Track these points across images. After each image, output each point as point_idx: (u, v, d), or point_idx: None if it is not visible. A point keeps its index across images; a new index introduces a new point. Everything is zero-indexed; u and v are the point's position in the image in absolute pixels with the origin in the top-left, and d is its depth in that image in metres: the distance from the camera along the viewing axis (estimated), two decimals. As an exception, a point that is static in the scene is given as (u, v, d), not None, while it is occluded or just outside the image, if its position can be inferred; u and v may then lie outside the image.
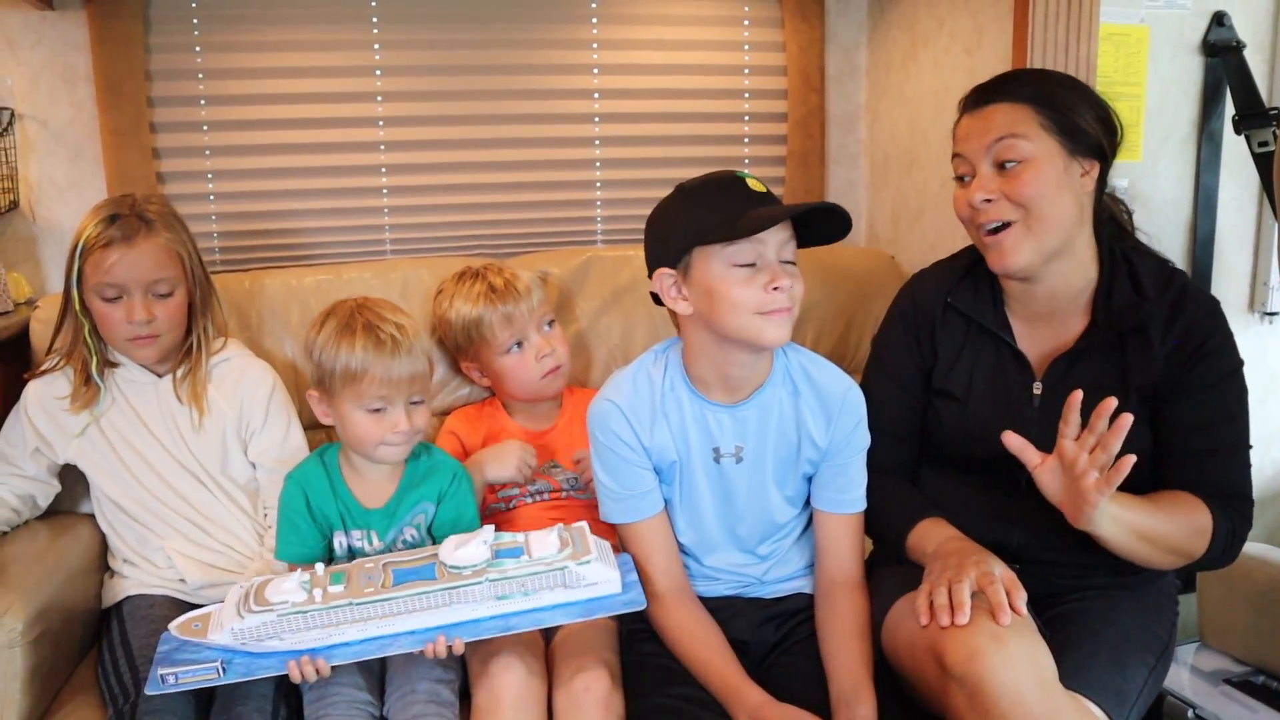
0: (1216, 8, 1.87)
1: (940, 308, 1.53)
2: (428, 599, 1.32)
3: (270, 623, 1.30)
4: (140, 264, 1.55)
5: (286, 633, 1.31)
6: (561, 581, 1.35)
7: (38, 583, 1.49)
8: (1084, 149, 1.38)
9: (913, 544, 1.45)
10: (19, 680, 1.40)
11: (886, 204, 2.34)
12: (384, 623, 1.32)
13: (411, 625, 1.33)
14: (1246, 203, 1.96)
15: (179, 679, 1.29)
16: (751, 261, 1.35)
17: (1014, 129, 1.37)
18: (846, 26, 2.35)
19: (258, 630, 1.30)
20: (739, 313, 1.36)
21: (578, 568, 1.34)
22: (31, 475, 1.65)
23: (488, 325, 1.77)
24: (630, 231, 2.29)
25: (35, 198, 2.01)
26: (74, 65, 1.98)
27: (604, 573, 1.36)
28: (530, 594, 1.34)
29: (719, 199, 1.37)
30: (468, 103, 2.18)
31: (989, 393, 1.49)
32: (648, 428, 1.47)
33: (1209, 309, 1.42)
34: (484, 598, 1.33)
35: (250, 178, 2.12)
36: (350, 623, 1.32)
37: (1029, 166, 1.37)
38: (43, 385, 1.64)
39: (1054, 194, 1.37)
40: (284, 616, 1.31)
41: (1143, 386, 1.41)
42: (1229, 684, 1.77)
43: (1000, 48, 1.85)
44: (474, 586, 1.33)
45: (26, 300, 1.94)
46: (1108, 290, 1.43)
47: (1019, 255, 1.39)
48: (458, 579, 1.33)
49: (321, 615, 1.31)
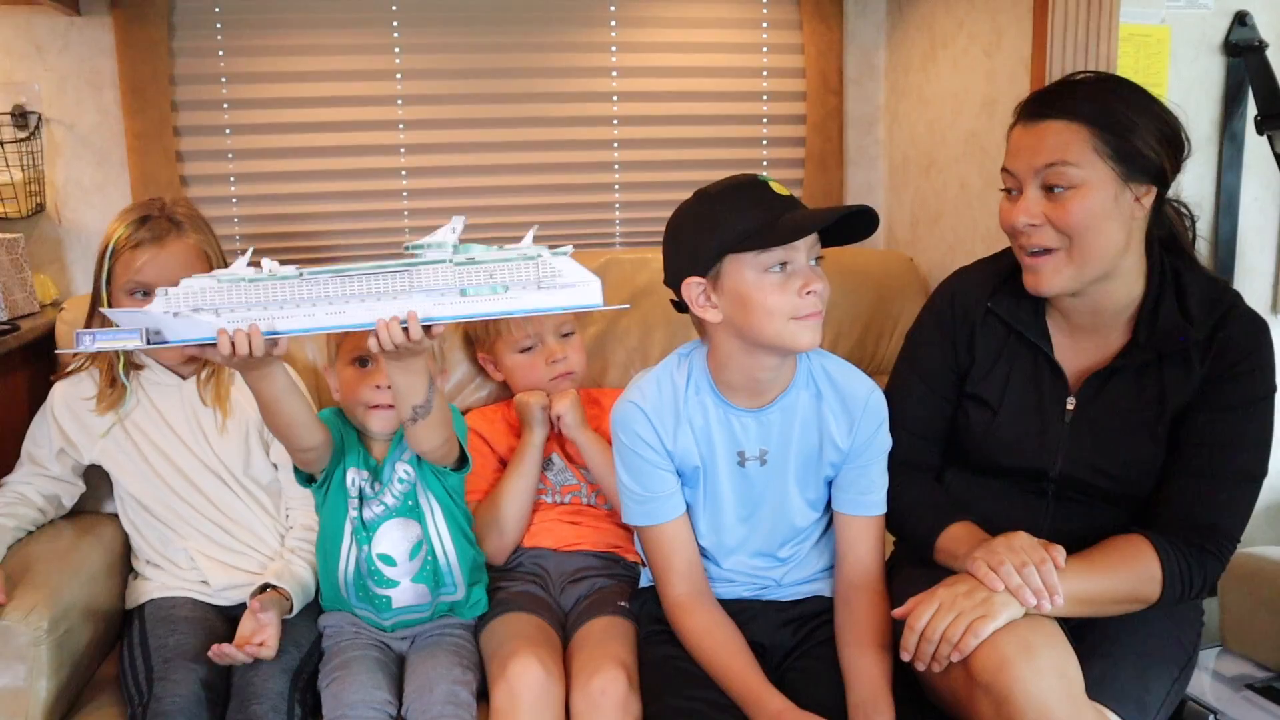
0: (1238, 7, 1.85)
1: (981, 311, 1.49)
2: (385, 281, 1.19)
3: (209, 289, 1.18)
4: (169, 264, 1.57)
5: (224, 308, 1.18)
6: (534, 276, 1.21)
7: (62, 581, 1.50)
8: (1140, 174, 1.30)
9: (943, 546, 1.42)
10: (44, 677, 1.41)
11: (905, 206, 2.33)
12: (334, 308, 1.19)
13: (365, 317, 1.20)
14: (1269, 203, 1.94)
15: (96, 339, 1.18)
16: (784, 264, 1.35)
17: (1066, 154, 1.30)
18: (865, 28, 2.35)
19: (193, 297, 1.18)
20: (774, 319, 1.35)
21: (553, 259, 1.22)
22: (57, 475, 1.67)
23: (502, 320, 1.79)
24: (649, 234, 2.29)
25: (61, 201, 2.04)
26: (100, 70, 2.01)
27: (580, 272, 1.23)
28: (499, 290, 1.21)
29: (747, 205, 1.35)
30: (487, 105, 2.20)
31: (1021, 404, 1.45)
32: (671, 431, 1.47)
33: (1252, 330, 1.36)
34: (448, 285, 1.21)
35: (272, 180, 2.14)
36: (296, 304, 1.19)
37: (1078, 194, 1.30)
38: (69, 386, 1.67)
39: (1101, 224, 1.31)
40: (225, 283, 1.18)
41: (1178, 408, 1.37)
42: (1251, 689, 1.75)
43: (1020, 49, 1.85)
44: (436, 268, 1.20)
45: (53, 302, 1.97)
46: (1154, 308, 1.37)
47: (1056, 281, 1.35)
48: (419, 259, 1.21)
49: (266, 289, 1.18)
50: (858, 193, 2.41)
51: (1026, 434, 1.45)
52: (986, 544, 1.31)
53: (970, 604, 1.24)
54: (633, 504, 1.50)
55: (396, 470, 1.57)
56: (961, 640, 1.21)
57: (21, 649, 1.40)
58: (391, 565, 1.56)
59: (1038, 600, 1.23)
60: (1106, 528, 1.37)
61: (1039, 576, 1.24)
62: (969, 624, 1.22)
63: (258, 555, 1.66)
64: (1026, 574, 1.24)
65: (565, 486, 1.79)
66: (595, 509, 1.79)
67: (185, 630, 1.52)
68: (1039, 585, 1.24)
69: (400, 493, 1.57)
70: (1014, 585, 1.24)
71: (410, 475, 1.57)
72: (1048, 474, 1.44)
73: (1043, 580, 1.24)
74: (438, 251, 1.20)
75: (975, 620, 1.22)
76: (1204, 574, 1.33)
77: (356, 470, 1.57)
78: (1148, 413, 1.38)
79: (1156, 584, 1.31)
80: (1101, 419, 1.41)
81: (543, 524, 1.75)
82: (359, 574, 1.56)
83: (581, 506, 1.78)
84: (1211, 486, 1.35)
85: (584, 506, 1.78)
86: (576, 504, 1.78)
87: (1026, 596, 1.23)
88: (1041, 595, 1.23)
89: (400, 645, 1.57)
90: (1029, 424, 1.45)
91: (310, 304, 1.19)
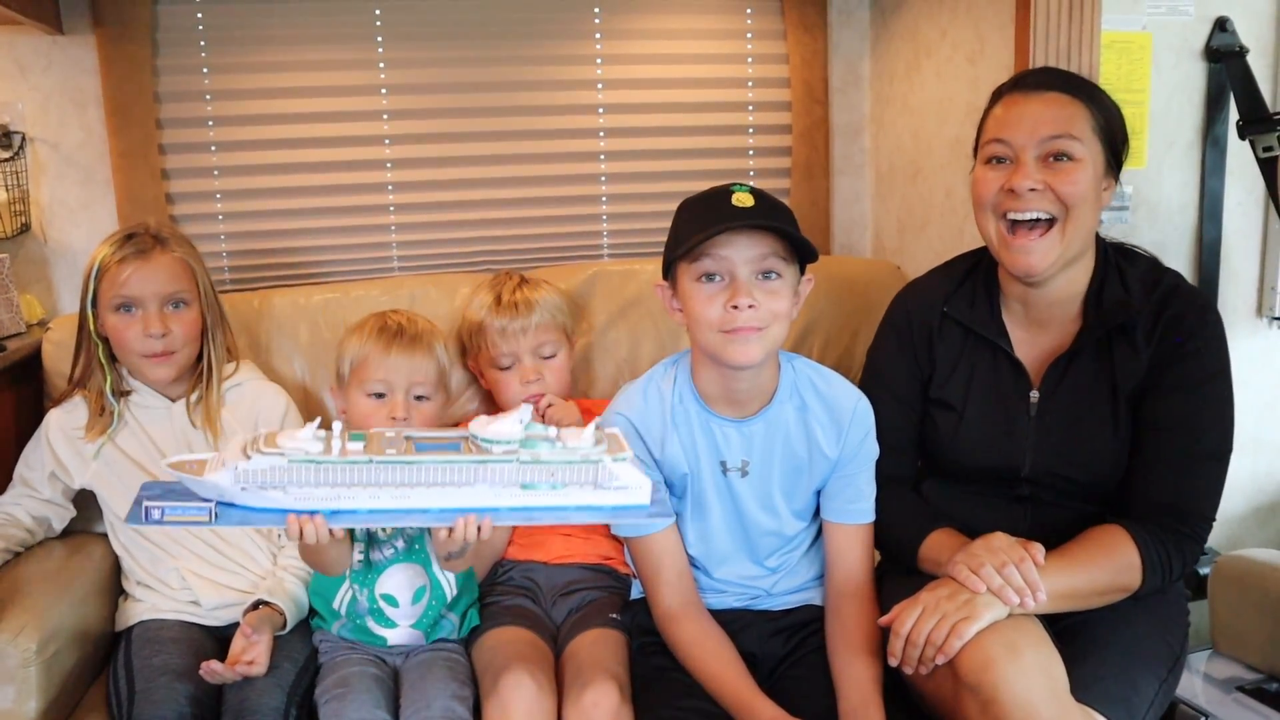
0: (1219, 13, 1.86)
1: (937, 317, 1.52)
2: (453, 471, 1.21)
3: (278, 468, 1.18)
4: (156, 276, 1.59)
5: (292, 484, 1.19)
6: (593, 478, 1.24)
7: (52, 603, 1.50)
8: (1114, 164, 1.39)
9: (925, 554, 1.45)
10: (33, 699, 1.41)
11: (892, 214, 2.34)
12: (399, 492, 1.20)
13: (428, 502, 1.22)
14: (1252, 208, 1.95)
15: (165, 515, 1.18)
16: (714, 275, 1.36)
17: (1071, 128, 1.34)
18: (849, 37, 2.36)
19: (263, 475, 1.18)
20: (704, 329, 1.37)
21: (613, 464, 1.24)
22: (47, 498, 1.66)
23: (485, 334, 1.82)
24: (636, 245, 2.29)
25: (47, 220, 2.03)
26: (84, 89, 2.00)
27: (636, 476, 1.26)
28: (558, 487, 1.24)
29: (700, 212, 1.37)
30: (473, 120, 2.20)
31: (986, 403, 1.48)
32: (659, 440, 1.48)
33: (1196, 308, 1.40)
34: (510, 481, 1.23)
35: (258, 197, 2.14)
36: (364, 485, 1.20)
37: (1079, 166, 1.34)
38: (63, 413, 1.66)
39: (1092, 202, 1.36)
40: (295, 464, 1.18)
41: (1130, 391, 1.40)
42: (1242, 691, 1.76)
43: (1003, 56, 1.86)
44: (503, 465, 1.22)
45: (39, 321, 1.96)
46: (1098, 291, 1.42)
47: (1047, 259, 1.36)
48: (487, 455, 1.23)
49: (335, 470, 1.19)
50: (844, 201, 2.42)
51: (994, 433, 1.47)
52: (966, 547, 1.32)
53: (953, 606, 1.25)
54: None
55: None
56: (945, 643, 1.23)
57: (10, 670, 1.39)
58: (394, 606, 1.56)
59: (1020, 599, 1.25)
60: (1084, 526, 1.39)
61: (1019, 575, 1.26)
62: (952, 626, 1.23)
63: (249, 574, 1.65)
64: (1007, 574, 1.26)
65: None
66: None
67: (171, 650, 1.51)
68: (1020, 584, 1.25)
69: (411, 536, 1.57)
70: (996, 586, 1.26)
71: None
72: (1020, 473, 1.46)
73: (1024, 578, 1.26)
74: (506, 448, 1.22)
75: (958, 622, 1.23)
76: (1182, 557, 1.36)
77: None
78: (1105, 398, 1.41)
79: (1136, 571, 1.33)
80: (1065, 409, 1.43)
81: (533, 537, 1.75)
82: (354, 610, 1.56)
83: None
84: (1179, 469, 1.37)
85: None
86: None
87: (1009, 596, 1.25)
88: (1024, 593, 1.25)
89: (395, 660, 1.57)
90: (995, 422, 1.47)
91: (376, 487, 1.20)
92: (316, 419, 1.25)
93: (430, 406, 1.57)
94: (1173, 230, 1.91)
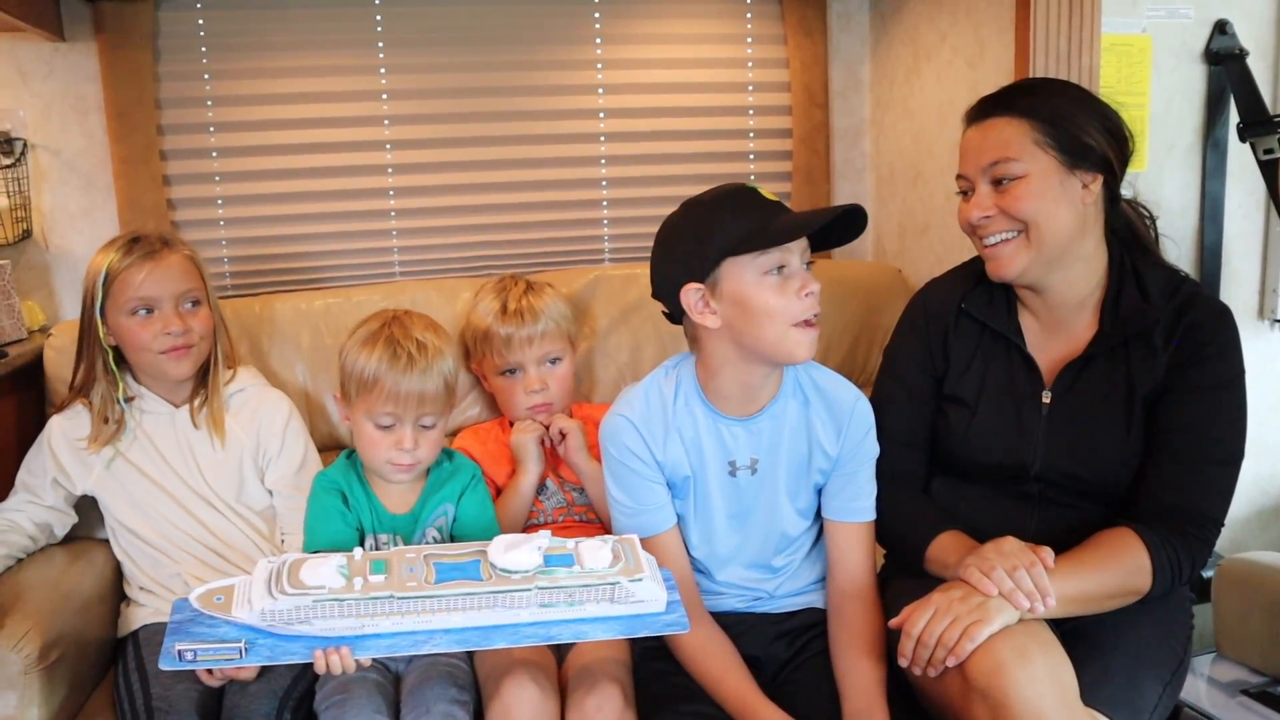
0: (1219, 16, 1.87)
1: (954, 313, 1.53)
2: (473, 600, 1.25)
3: (304, 607, 1.23)
4: (170, 275, 1.60)
5: (318, 619, 1.24)
6: (609, 595, 1.28)
7: (54, 609, 1.49)
8: (1084, 162, 1.38)
9: (933, 556, 1.45)
10: (35, 706, 1.41)
11: (893, 217, 2.34)
12: (422, 618, 1.25)
13: (449, 624, 1.26)
14: (1253, 210, 1.96)
15: (198, 656, 1.22)
16: (781, 266, 1.36)
17: (1007, 150, 1.38)
18: (849, 42, 2.36)
19: (289, 614, 1.23)
20: (774, 322, 1.37)
21: (630, 584, 1.28)
22: (50, 505, 1.66)
23: (489, 341, 1.81)
24: (637, 250, 2.30)
25: (48, 226, 2.03)
26: (85, 95, 2.01)
27: (653, 591, 1.30)
28: (576, 604, 1.28)
29: (742, 210, 1.37)
30: (474, 124, 2.20)
31: (998, 399, 1.49)
32: (660, 442, 1.48)
33: (1215, 314, 1.41)
34: (529, 604, 1.27)
35: (259, 203, 2.14)
36: (387, 615, 1.25)
37: (1023, 184, 1.38)
38: (66, 420, 1.66)
39: (1052, 208, 1.38)
40: (319, 603, 1.23)
41: (1146, 394, 1.41)
42: (1246, 695, 1.76)
43: (1003, 60, 1.86)
44: (521, 593, 1.26)
45: (40, 328, 1.96)
46: (1115, 297, 1.43)
47: (1014, 265, 1.41)
48: (506, 583, 1.26)
49: (359, 605, 1.24)
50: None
51: (1004, 428, 1.47)
52: (977, 551, 1.32)
53: (965, 609, 1.25)
54: (622, 517, 1.50)
55: (427, 535, 1.58)
56: (957, 645, 1.22)
57: (12, 677, 1.39)
58: None
59: (1030, 603, 1.25)
60: (1092, 527, 1.38)
61: (1030, 579, 1.26)
62: (964, 628, 1.23)
63: (250, 578, 1.65)
64: (1018, 577, 1.26)
65: (556, 509, 1.79)
66: (586, 524, 1.78)
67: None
68: (1030, 588, 1.25)
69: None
70: (1006, 589, 1.25)
71: (437, 539, 1.59)
72: (1029, 472, 1.46)
73: (1034, 583, 1.26)
74: (524, 579, 1.26)
75: (970, 625, 1.23)
76: (1191, 559, 1.36)
77: (373, 535, 1.56)
78: (1120, 401, 1.41)
79: (1146, 574, 1.33)
80: (1076, 410, 1.44)
81: (536, 543, 1.75)
82: None
83: (574, 524, 1.78)
84: (1190, 471, 1.37)
85: (576, 524, 1.78)
86: (570, 523, 1.78)
87: (1019, 600, 1.25)
88: (1034, 597, 1.25)
89: (396, 665, 1.56)
90: (1006, 418, 1.48)
91: (400, 615, 1.25)
92: (340, 556, 1.28)
93: (436, 432, 1.55)
94: (1173, 233, 1.91)
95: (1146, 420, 1.41)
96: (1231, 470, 1.40)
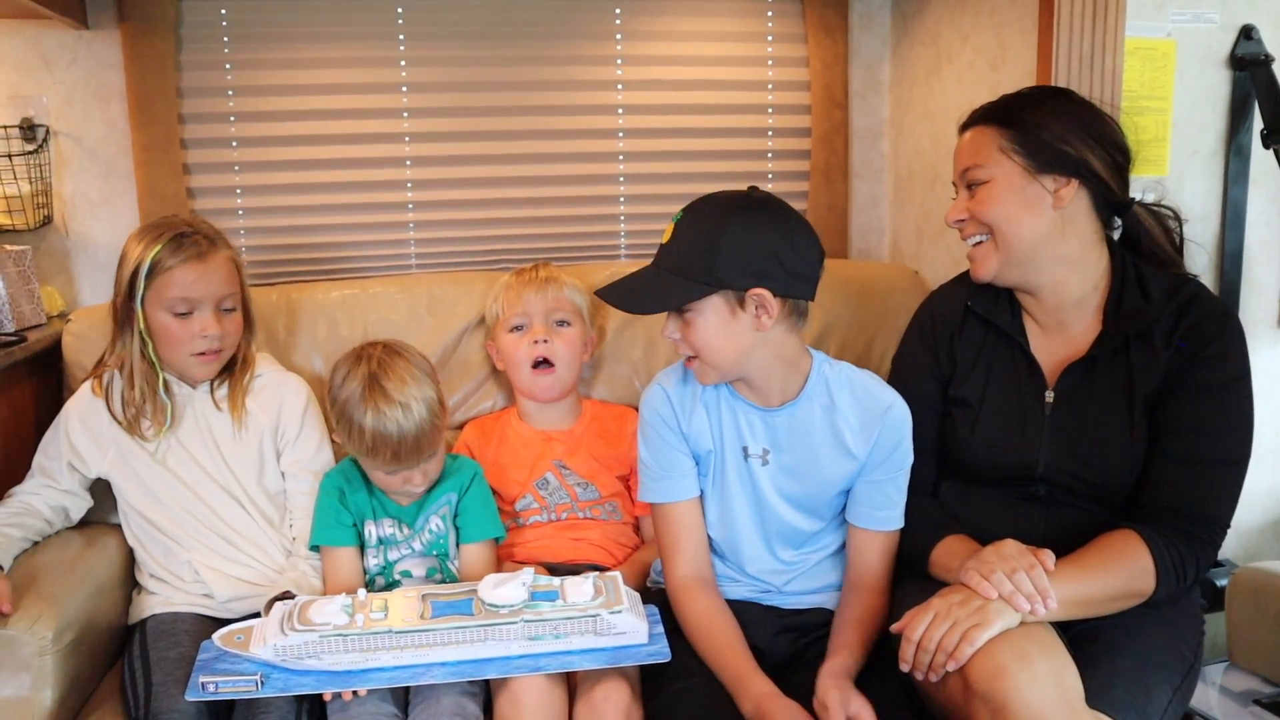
0: (1245, 21, 1.85)
1: (960, 314, 1.56)
2: (463, 633, 1.37)
3: (311, 643, 1.36)
4: (215, 279, 1.60)
5: (325, 653, 1.36)
6: (592, 628, 1.38)
7: (68, 592, 1.50)
8: (1052, 167, 1.40)
9: (937, 560, 1.46)
10: (48, 688, 1.42)
11: (910, 219, 2.33)
12: (419, 652, 1.37)
13: (445, 657, 1.38)
14: (1275, 217, 1.94)
15: (219, 688, 1.35)
16: None
17: (976, 157, 1.44)
18: (870, 42, 2.35)
19: (299, 649, 1.36)
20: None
21: (610, 616, 1.38)
22: (66, 488, 1.67)
23: (503, 294, 1.86)
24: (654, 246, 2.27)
25: (69, 213, 2.05)
26: (107, 83, 2.02)
27: (633, 623, 1.39)
28: (561, 637, 1.38)
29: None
30: (492, 119, 2.20)
31: (1002, 400, 1.50)
32: (688, 414, 1.52)
33: (1217, 314, 1.41)
34: (517, 636, 1.38)
35: (278, 193, 2.15)
36: (388, 649, 1.37)
37: (987, 189, 1.43)
38: (84, 402, 1.66)
39: (1016, 213, 1.42)
40: (325, 638, 1.36)
41: (1148, 395, 1.40)
42: (1259, 705, 1.74)
43: (1025, 62, 1.85)
44: (508, 626, 1.37)
45: (60, 313, 1.98)
46: (1118, 298, 1.44)
47: (987, 267, 1.47)
48: (494, 617, 1.38)
49: (361, 640, 1.37)
50: (862, 206, 2.42)
51: (1008, 430, 1.48)
52: (977, 554, 1.33)
53: (965, 613, 1.25)
54: (648, 480, 1.55)
55: (430, 523, 1.63)
56: (957, 649, 1.23)
57: (27, 659, 1.40)
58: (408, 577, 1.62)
59: (1031, 605, 1.25)
60: (1099, 530, 1.38)
61: (1029, 581, 1.26)
62: (964, 632, 1.23)
63: (261, 567, 1.66)
64: (1018, 580, 1.26)
65: (560, 505, 1.80)
66: (590, 521, 1.79)
67: (187, 644, 1.51)
68: (1031, 590, 1.25)
69: (428, 541, 1.64)
70: (1006, 592, 1.25)
71: (441, 528, 1.63)
72: (1034, 473, 1.46)
73: (1034, 585, 1.26)
74: (510, 612, 1.38)
75: (970, 629, 1.23)
76: (1196, 561, 1.35)
77: (375, 522, 1.62)
78: (1122, 402, 1.42)
79: (1150, 577, 1.33)
80: (1079, 412, 1.44)
81: (541, 540, 1.76)
82: None
83: (578, 520, 1.79)
84: (1195, 473, 1.37)
85: (580, 520, 1.79)
86: (573, 519, 1.79)
87: (1020, 602, 1.25)
88: (1034, 600, 1.25)
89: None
90: (1010, 419, 1.48)
91: (400, 649, 1.38)
92: (345, 596, 1.41)
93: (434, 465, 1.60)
94: (1195, 239, 1.89)
95: (1150, 422, 1.41)
96: (1236, 471, 1.39)
